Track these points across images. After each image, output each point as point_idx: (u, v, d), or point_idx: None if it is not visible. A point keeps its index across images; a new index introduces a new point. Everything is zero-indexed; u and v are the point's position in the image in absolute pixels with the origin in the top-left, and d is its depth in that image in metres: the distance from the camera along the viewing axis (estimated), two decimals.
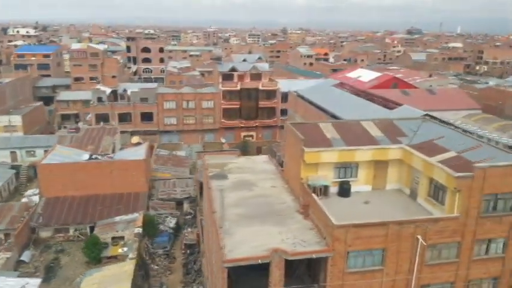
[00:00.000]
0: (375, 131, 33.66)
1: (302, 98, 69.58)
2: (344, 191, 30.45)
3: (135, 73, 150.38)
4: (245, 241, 25.20)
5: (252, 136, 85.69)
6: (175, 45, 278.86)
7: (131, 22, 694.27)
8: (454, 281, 26.79)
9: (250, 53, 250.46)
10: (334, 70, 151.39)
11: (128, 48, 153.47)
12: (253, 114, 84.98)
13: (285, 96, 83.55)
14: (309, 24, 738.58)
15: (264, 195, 31.57)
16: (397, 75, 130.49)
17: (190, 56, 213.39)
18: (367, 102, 55.69)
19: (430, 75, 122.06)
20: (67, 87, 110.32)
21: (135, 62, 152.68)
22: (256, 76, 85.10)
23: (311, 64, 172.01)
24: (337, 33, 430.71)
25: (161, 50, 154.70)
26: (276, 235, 25.81)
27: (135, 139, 59.59)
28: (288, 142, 33.63)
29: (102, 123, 74.49)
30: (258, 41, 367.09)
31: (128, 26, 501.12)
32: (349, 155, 30.02)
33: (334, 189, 30.99)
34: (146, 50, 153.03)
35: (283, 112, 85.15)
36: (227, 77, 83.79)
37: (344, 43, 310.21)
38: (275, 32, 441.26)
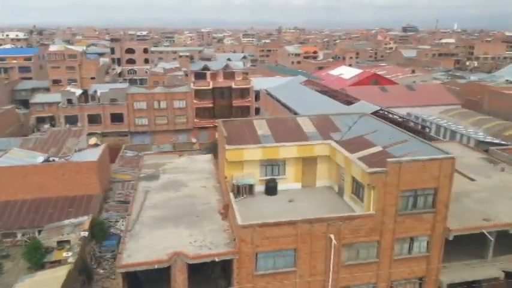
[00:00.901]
0: (308, 127, 32.46)
1: (270, 95, 68.45)
2: (270, 189, 29.26)
3: (119, 74, 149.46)
4: (150, 245, 24.08)
5: None
6: (168, 46, 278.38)
7: (130, 24, 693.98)
8: (376, 282, 25.58)
9: (242, 52, 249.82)
10: (320, 68, 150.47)
11: (112, 50, 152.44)
12: (227, 113, 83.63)
13: (258, 95, 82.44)
14: (308, 24, 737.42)
15: (190, 196, 30.46)
16: (381, 72, 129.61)
17: (180, 56, 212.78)
18: (328, 99, 54.45)
19: (413, 71, 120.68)
20: (47, 89, 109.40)
21: (119, 64, 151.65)
22: (230, 75, 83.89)
23: (298, 62, 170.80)
24: (332, 32, 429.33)
25: (145, 50, 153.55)
26: (185, 238, 24.69)
27: (92, 140, 58.52)
28: (218, 140, 32.52)
29: (68, 125, 73.41)
30: (253, 40, 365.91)
31: (125, 27, 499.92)
32: (273, 152, 28.81)
33: (262, 188, 29.78)
34: (130, 51, 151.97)
35: (258, 111, 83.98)
36: (200, 76, 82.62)
37: (337, 41, 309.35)
38: (270, 31, 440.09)
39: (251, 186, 28.71)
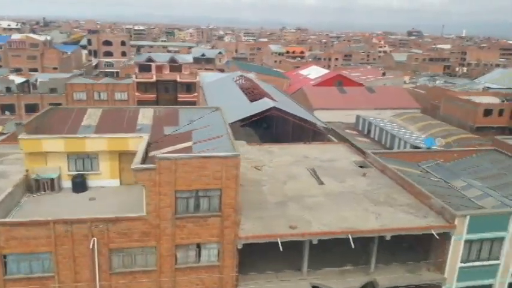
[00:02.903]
0: (144, 120, 29.81)
1: (202, 89, 65.99)
2: (77, 185, 26.56)
3: (96, 66, 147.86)
4: None
5: None
6: (164, 41, 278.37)
7: (139, 20, 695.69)
8: None
9: (236, 50, 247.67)
10: (297, 67, 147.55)
11: (89, 41, 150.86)
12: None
13: None
14: (319, 25, 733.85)
15: None
16: (355, 74, 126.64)
17: (169, 51, 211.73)
18: (239, 95, 51.84)
19: (384, 74, 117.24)
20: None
21: (95, 55, 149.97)
22: (177, 68, 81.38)
23: (280, 62, 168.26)
24: (339, 34, 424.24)
25: (123, 43, 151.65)
26: None
27: None
28: None
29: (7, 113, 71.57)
30: (254, 39, 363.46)
31: (133, 23, 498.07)
32: (78, 144, 26.08)
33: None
34: (108, 43, 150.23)
35: None
36: (144, 67, 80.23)
37: (335, 43, 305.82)
38: (275, 31, 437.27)
39: (52, 181, 26.06)
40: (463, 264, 25.80)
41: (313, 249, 24.40)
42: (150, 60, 79.81)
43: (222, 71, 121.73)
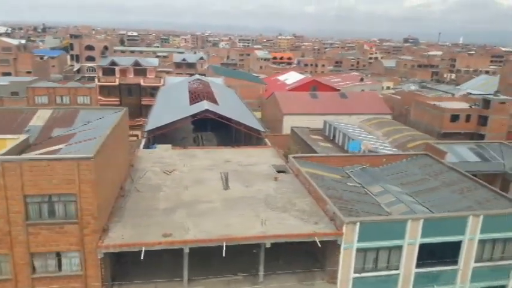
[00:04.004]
0: (39, 121, 28.49)
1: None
2: None
3: (78, 71, 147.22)
4: None
5: (137, 136, 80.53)
6: (157, 47, 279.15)
7: (140, 26, 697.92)
8: None
9: (228, 56, 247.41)
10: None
11: (71, 46, 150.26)
12: (135, 111, 79.74)
13: None
14: (318, 33, 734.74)
15: None
16: (335, 80, 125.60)
17: (157, 56, 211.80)
18: (184, 98, 50.57)
19: (362, 80, 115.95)
20: None
21: (77, 60, 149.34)
22: (141, 71, 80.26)
23: (264, 67, 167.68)
24: (337, 40, 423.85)
25: (106, 48, 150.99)
26: None
27: None
28: None
29: None
30: (249, 46, 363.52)
31: (133, 29, 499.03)
32: None
33: None
34: (90, 48, 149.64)
35: None
36: (108, 71, 79.13)
37: (328, 49, 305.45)
38: (271, 38, 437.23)
39: None
40: (357, 275, 24.20)
41: (203, 258, 22.94)
42: (113, 63, 78.69)
43: (203, 75, 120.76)
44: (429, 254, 25.17)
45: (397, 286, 25.01)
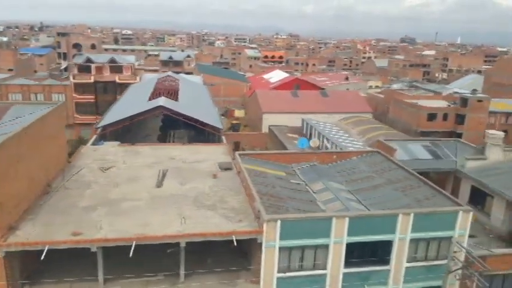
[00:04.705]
0: None
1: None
2: None
3: (65, 69, 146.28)
4: None
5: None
6: (152, 45, 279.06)
7: (138, 25, 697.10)
8: None
9: (221, 56, 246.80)
10: None
11: (58, 44, 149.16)
12: None
13: None
14: (317, 32, 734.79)
15: None
16: (321, 79, 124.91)
17: (149, 55, 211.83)
18: (145, 94, 49.71)
19: (347, 78, 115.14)
20: None
21: (65, 58, 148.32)
22: (117, 69, 79.48)
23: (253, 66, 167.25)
24: (333, 39, 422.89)
25: (93, 46, 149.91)
26: None
27: None
28: None
29: None
30: (245, 45, 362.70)
31: (132, 28, 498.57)
32: None
33: None
34: (77, 46, 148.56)
35: None
36: (83, 68, 78.35)
37: (322, 49, 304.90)
38: (267, 37, 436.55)
39: None
40: (281, 274, 23.35)
41: (125, 258, 22.02)
42: (89, 61, 77.90)
43: (190, 73, 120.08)
44: (360, 253, 24.34)
45: (325, 286, 24.14)
